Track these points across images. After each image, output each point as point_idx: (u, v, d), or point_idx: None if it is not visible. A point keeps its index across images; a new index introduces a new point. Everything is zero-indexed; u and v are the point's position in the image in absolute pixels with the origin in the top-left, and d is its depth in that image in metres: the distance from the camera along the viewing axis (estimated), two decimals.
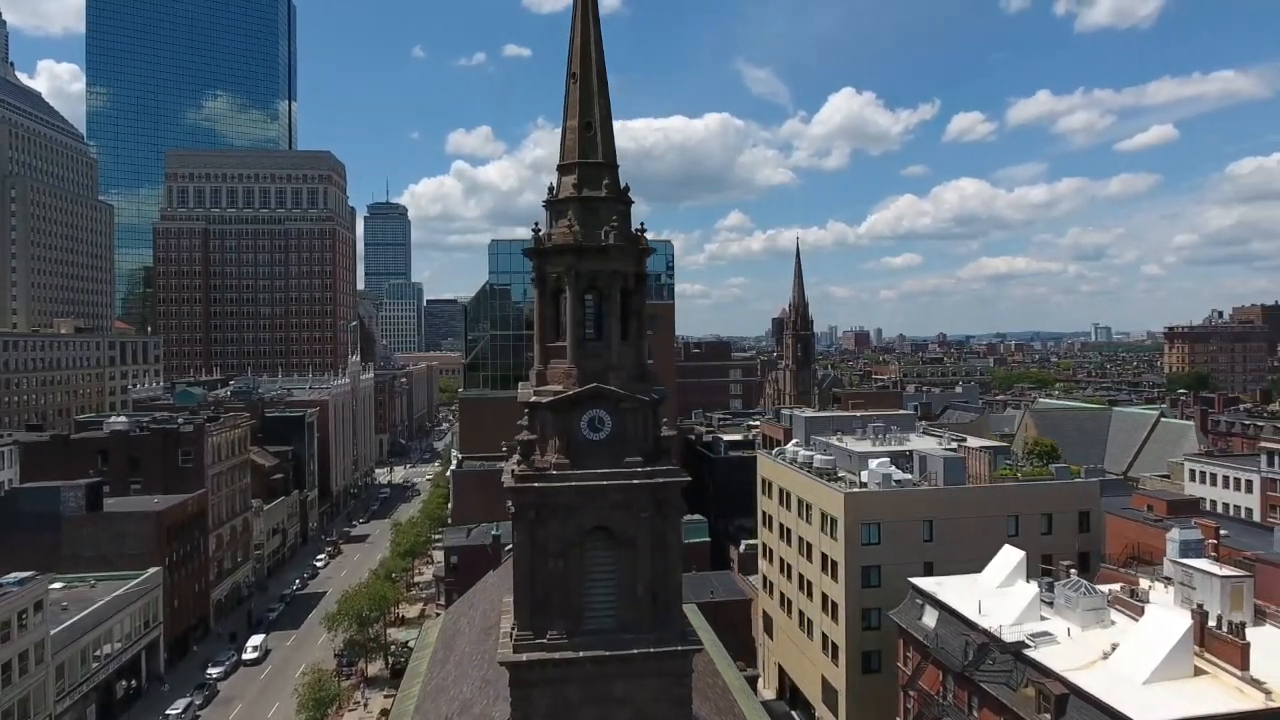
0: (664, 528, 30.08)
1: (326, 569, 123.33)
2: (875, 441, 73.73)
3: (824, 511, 63.68)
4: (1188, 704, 33.97)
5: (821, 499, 64.19)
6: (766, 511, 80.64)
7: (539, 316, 31.32)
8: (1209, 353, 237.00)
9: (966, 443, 73.18)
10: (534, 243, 31.07)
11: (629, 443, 30.09)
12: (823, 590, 64.36)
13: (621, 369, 30.80)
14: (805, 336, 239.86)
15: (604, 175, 31.49)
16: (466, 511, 79.80)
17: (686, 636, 30.25)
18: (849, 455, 69.49)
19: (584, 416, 30.09)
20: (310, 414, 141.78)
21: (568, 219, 30.84)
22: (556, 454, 29.66)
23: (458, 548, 73.81)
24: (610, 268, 30.64)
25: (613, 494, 29.40)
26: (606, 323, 30.83)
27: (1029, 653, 39.93)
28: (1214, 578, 40.85)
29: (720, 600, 68.57)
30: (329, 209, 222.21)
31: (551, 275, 30.91)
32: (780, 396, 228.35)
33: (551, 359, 31.12)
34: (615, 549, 29.84)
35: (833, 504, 62.09)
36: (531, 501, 29.00)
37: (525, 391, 31.18)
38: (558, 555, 29.09)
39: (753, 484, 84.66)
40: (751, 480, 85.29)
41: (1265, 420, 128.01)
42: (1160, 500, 59.65)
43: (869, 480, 63.51)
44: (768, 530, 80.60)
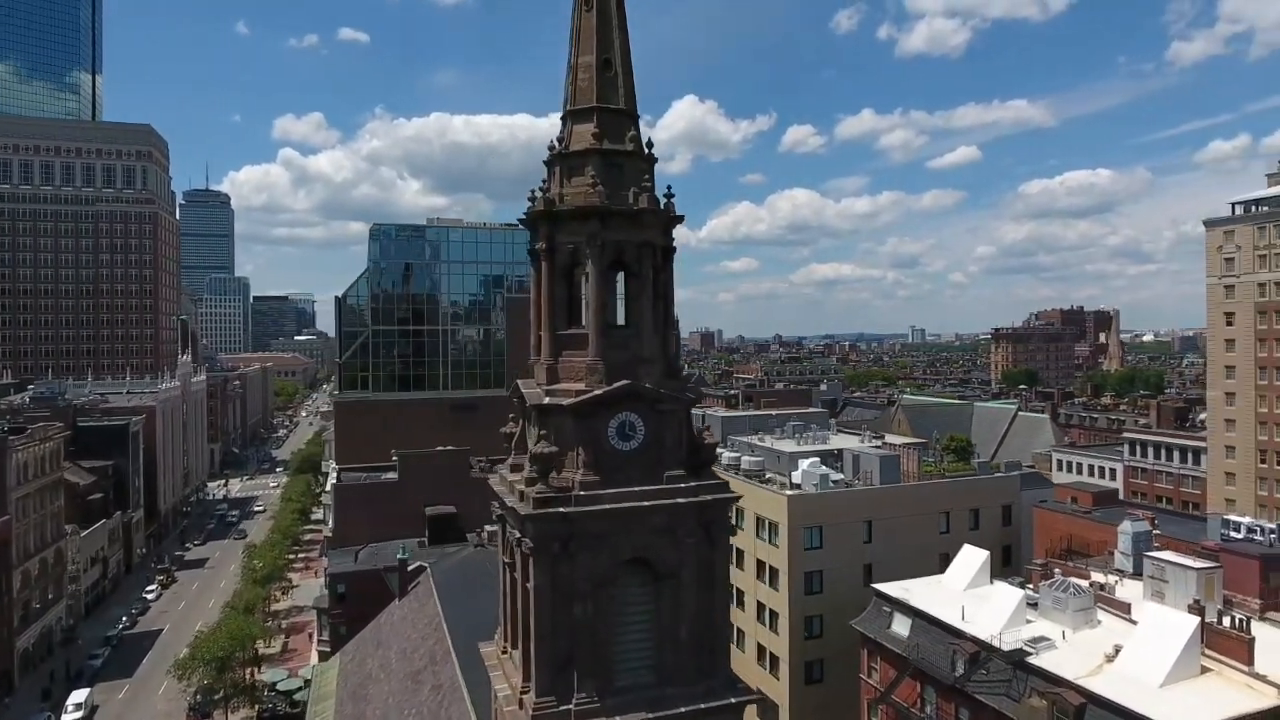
0: (711, 556, 24.78)
1: (159, 601, 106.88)
2: (799, 441, 71.60)
3: (761, 516, 60.36)
4: (1212, 707, 32.83)
5: (759, 503, 60.79)
6: None
7: (546, 298, 25.06)
8: (1029, 351, 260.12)
9: (887, 439, 72.46)
10: (541, 205, 24.77)
11: (666, 452, 24.56)
12: (758, 599, 61.07)
13: (653, 363, 25.21)
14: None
15: (627, 126, 25.77)
16: (350, 531, 70.04)
17: (736, 685, 25.11)
18: (777, 456, 66.81)
19: (613, 422, 24.18)
20: (135, 422, 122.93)
21: (586, 176, 24.81)
22: (583, 469, 23.59)
23: (345, 574, 64.19)
24: (641, 237, 24.97)
25: (654, 517, 23.75)
26: (636, 306, 25.13)
27: (1032, 660, 37.86)
28: (1189, 570, 40.70)
29: None
30: (149, 190, 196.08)
31: (566, 246, 24.77)
32: None
33: (565, 351, 24.99)
34: (653, 584, 24.23)
35: (773, 508, 58.84)
36: (556, 532, 22.79)
37: (534, 391, 24.83)
38: (586, 597, 23.06)
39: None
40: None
41: (1100, 413, 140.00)
42: (1084, 493, 60.97)
43: (803, 482, 60.85)
44: None
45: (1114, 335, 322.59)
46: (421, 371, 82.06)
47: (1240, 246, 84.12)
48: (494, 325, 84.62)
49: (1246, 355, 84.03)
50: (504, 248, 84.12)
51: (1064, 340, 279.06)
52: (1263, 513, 75.60)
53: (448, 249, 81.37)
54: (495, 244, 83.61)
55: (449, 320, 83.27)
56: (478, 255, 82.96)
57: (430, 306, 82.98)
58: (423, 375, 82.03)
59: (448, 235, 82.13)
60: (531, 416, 25.64)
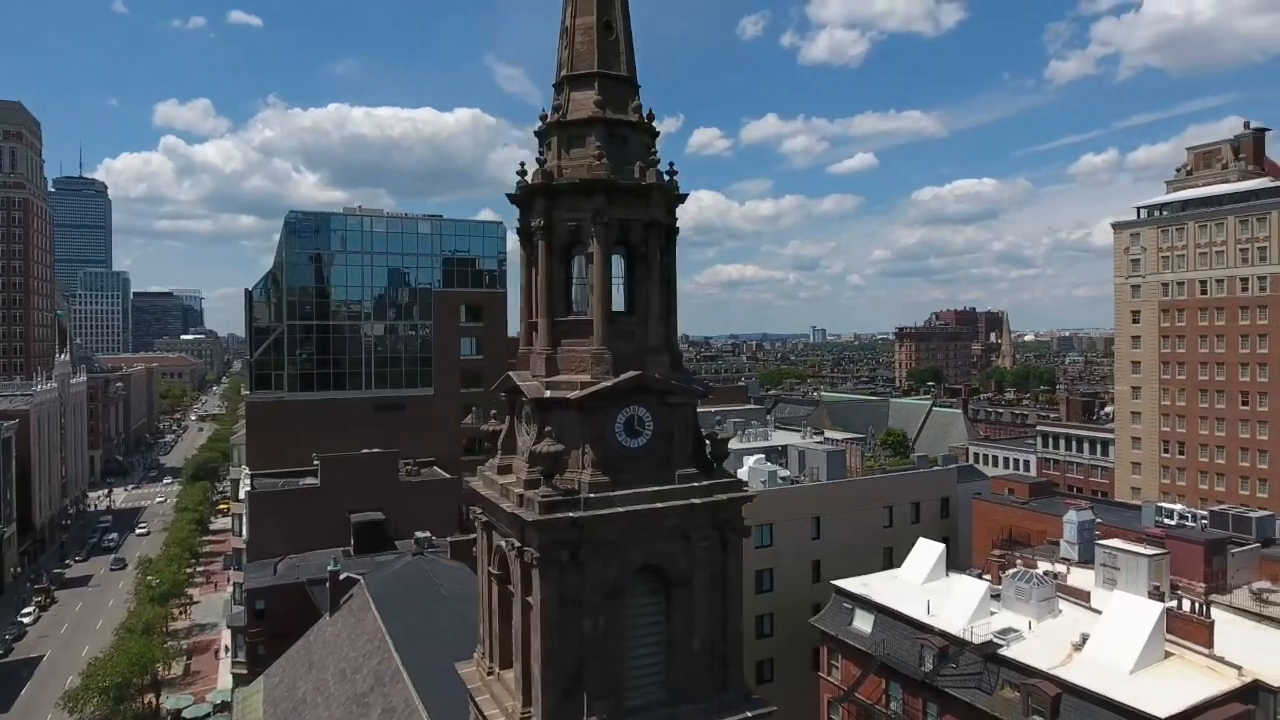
0: (724, 560, 23.02)
1: (38, 625, 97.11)
2: (742, 438, 70.93)
3: None
4: (1182, 691, 33.47)
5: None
6: None
7: (544, 282, 22.72)
8: (930, 349, 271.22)
9: (826, 435, 72.67)
10: (539, 178, 22.41)
11: (676, 449, 22.66)
12: None
13: (661, 353, 23.30)
14: None
15: (630, 95, 23.76)
16: (267, 542, 64.78)
17: (750, 698, 23.46)
18: None
19: (620, 417, 22.09)
20: (6, 428, 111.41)
21: (589, 148, 22.62)
22: (591, 468, 21.40)
23: (265, 589, 59.24)
24: (649, 216, 22.97)
25: (666, 520, 21.80)
26: (641, 292, 23.10)
27: (1003, 652, 37.92)
28: (1141, 557, 41.79)
29: None
30: (19, 173, 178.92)
31: (566, 224, 22.52)
32: None
33: (564, 340, 22.73)
34: (664, 593, 22.27)
35: None
36: (565, 539, 20.52)
37: (532, 384, 22.44)
38: (596, 611, 20.91)
39: None
40: None
41: (1004, 408, 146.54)
42: (1021, 484, 62.56)
43: (750, 479, 59.99)
44: None
45: (1006, 335, 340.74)
46: (342, 370, 77.08)
47: (1145, 248, 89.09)
48: (420, 320, 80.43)
49: (1151, 351, 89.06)
50: (432, 239, 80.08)
51: (962, 339, 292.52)
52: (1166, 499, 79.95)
53: (370, 240, 76.74)
54: (423, 235, 79.52)
55: (371, 315, 78.59)
56: (403, 247, 78.62)
57: (351, 301, 78.09)
58: (343, 374, 77.06)
59: (370, 225, 77.41)
60: (526, 412, 23.31)
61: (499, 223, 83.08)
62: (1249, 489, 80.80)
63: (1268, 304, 79.81)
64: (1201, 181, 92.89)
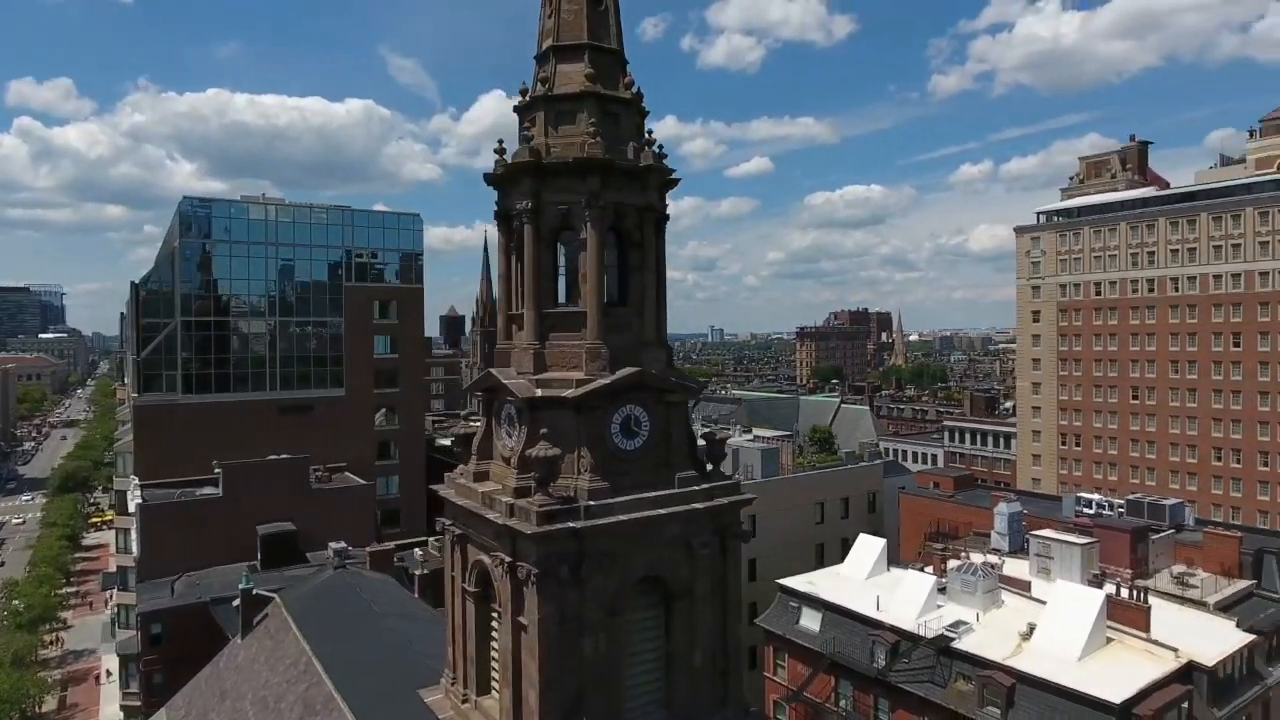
0: (724, 567, 21.70)
1: None
2: None
3: None
4: (1129, 675, 34.52)
5: None
6: None
7: (531, 270, 20.78)
8: (829, 349, 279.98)
9: (755, 433, 72.73)
10: (526, 155, 20.43)
11: (674, 451, 21.21)
12: None
13: (656, 348, 21.82)
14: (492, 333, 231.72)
15: (620, 70, 22.13)
16: (162, 559, 59.10)
17: (749, 711, 22.27)
18: None
19: (616, 416, 20.41)
20: None
21: (581, 125, 20.83)
22: (590, 473, 19.63)
23: (161, 611, 53.87)
24: (644, 200, 21.46)
25: (668, 527, 20.29)
26: (635, 281, 21.52)
27: (955, 645, 38.31)
28: (1075, 546, 43.22)
29: None
30: None
31: (556, 208, 20.68)
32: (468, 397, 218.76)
33: (553, 333, 20.88)
34: (664, 606, 20.74)
35: None
36: (564, 552, 18.69)
37: (520, 382, 20.44)
38: (597, 629, 19.18)
39: None
40: None
41: (905, 404, 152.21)
42: (945, 478, 64.24)
43: None
44: None
45: (898, 335, 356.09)
46: (243, 370, 71.26)
47: (1045, 252, 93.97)
48: (329, 317, 75.49)
49: (1050, 349, 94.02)
50: (344, 231, 75.11)
51: (858, 339, 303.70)
52: (1064, 489, 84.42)
53: (274, 230, 71.18)
54: (333, 227, 74.49)
55: (276, 311, 73.10)
56: (311, 239, 73.32)
57: (253, 295, 72.37)
58: (245, 374, 71.27)
59: (275, 215, 71.79)
60: (509, 413, 21.27)
61: (416, 215, 79.06)
62: (1138, 478, 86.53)
63: (1155, 305, 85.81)
64: (1093, 189, 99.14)
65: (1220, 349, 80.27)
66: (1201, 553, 45.89)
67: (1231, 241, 79.14)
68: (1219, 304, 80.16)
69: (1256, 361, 77.80)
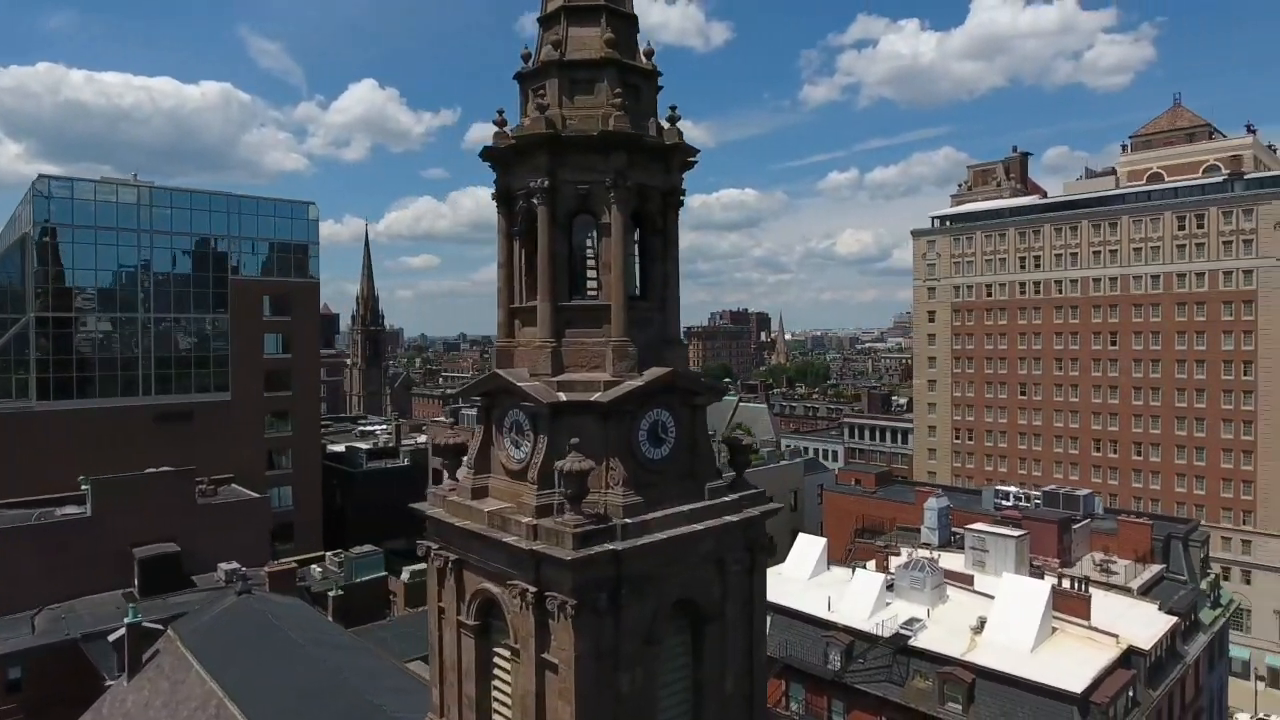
0: (751, 586, 19.99)
1: None
2: None
3: None
4: (1081, 663, 35.49)
5: None
6: None
7: (546, 258, 18.32)
8: (715, 348, 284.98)
9: None
10: (542, 126, 17.96)
11: (701, 459, 19.33)
12: None
13: (678, 345, 19.89)
14: (375, 333, 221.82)
15: (636, 39, 19.94)
16: (17, 590, 51.51)
17: None
18: None
19: (644, 422, 18.32)
20: None
21: (600, 96, 18.57)
22: (623, 487, 17.44)
23: (20, 653, 46.85)
24: (668, 182, 19.43)
25: (703, 544, 18.41)
26: (656, 271, 19.45)
27: (912, 643, 38.40)
28: (1009, 539, 44.44)
29: None
30: None
31: (575, 187, 18.32)
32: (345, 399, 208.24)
33: (570, 329, 18.50)
34: (694, 631, 18.80)
35: None
36: (603, 578, 16.44)
37: (536, 384, 17.97)
38: (633, 663, 17.05)
39: (403, 500, 78.67)
40: (401, 496, 79.57)
41: (797, 401, 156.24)
42: (868, 475, 65.30)
43: None
44: None
45: (779, 334, 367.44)
46: (112, 372, 63.16)
47: (940, 254, 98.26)
48: (213, 313, 68.34)
49: (944, 348, 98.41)
50: (229, 219, 67.95)
51: (742, 338, 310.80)
52: (957, 481, 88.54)
53: (148, 216, 63.40)
54: (216, 214, 67.06)
55: (150, 305, 65.32)
56: (192, 226, 65.79)
57: (124, 288, 64.41)
58: (113, 377, 63.19)
59: (150, 199, 63.93)
60: (516, 421, 18.70)
61: (310, 203, 72.82)
62: (1026, 469, 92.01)
63: (1041, 306, 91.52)
64: (981, 196, 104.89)
65: (1099, 348, 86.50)
66: (1116, 540, 48.44)
67: (1109, 247, 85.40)
68: (1098, 305, 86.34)
69: (1131, 360, 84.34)
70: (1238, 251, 77.84)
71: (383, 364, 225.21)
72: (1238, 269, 77.80)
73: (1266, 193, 77.36)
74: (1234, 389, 77.70)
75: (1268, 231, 76.38)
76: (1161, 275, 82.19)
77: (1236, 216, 77.88)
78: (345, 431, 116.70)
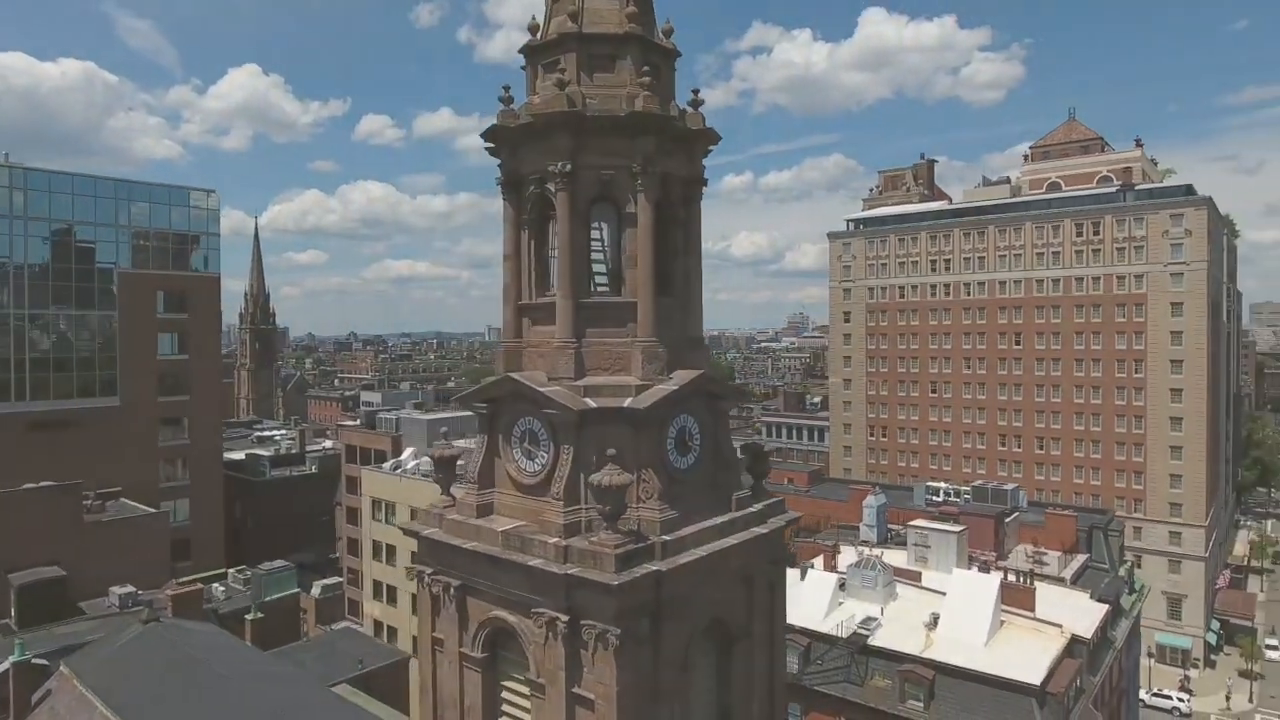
0: (773, 601, 18.89)
1: None
2: None
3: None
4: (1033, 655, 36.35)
5: None
6: (383, 541, 65.63)
7: (566, 249, 16.73)
8: None
9: None
10: (564, 103, 16.27)
11: (723, 468, 18.14)
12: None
13: (703, 347, 18.59)
14: (266, 332, 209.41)
15: (653, 13, 18.49)
16: None
17: None
18: None
19: (671, 429, 16.93)
20: None
21: (622, 74, 17.06)
22: (657, 500, 16.00)
23: None
24: (692, 170, 18.16)
25: (734, 559, 17.19)
26: (680, 266, 18.08)
27: (871, 642, 38.52)
28: (950, 534, 45.37)
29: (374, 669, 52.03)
30: None
31: (599, 173, 16.71)
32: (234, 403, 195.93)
33: (591, 328, 16.90)
34: (722, 652, 17.55)
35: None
36: (645, 601, 14.98)
37: (558, 389, 16.33)
38: (672, 695, 15.69)
39: (311, 511, 78.44)
40: (308, 506, 78.54)
41: None
42: (800, 473, 65.71)
43: None
44: (381, 564, 65.73)
45: None
46: None
47: (855, 257, 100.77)
48: (99, 310, 61.79)
49: (859, 347, 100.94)
50: (116, 206, 61.30)
51: None
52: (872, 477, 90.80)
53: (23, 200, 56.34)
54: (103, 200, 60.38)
55: (24, 300, 58.31)
56: (74, 213, 58.90)
57: None
58: None
59: (23, 181, 56.78)
60: (532, 430, 16.97)
61: (210, 190, 66.88)
62: (937, 465, 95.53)
63: (951, 307, 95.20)
64: (891, 200, 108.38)
65: (1005, 347, 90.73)
66: (1044, 532, 50.39)
67: (1014, 252, 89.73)
68: (1004, 307, 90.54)
69: (1034, 359, 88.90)
70: (1130, 257, 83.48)
71: (274, 365, 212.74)
72: (1130, 274, 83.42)
73: (1154, 203, 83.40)
74: (1126, 385, 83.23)
75: (1156, 239, 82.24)
76: (1062, 279, 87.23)
77: (1129, 224, 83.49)
78: (241, 438, 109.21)
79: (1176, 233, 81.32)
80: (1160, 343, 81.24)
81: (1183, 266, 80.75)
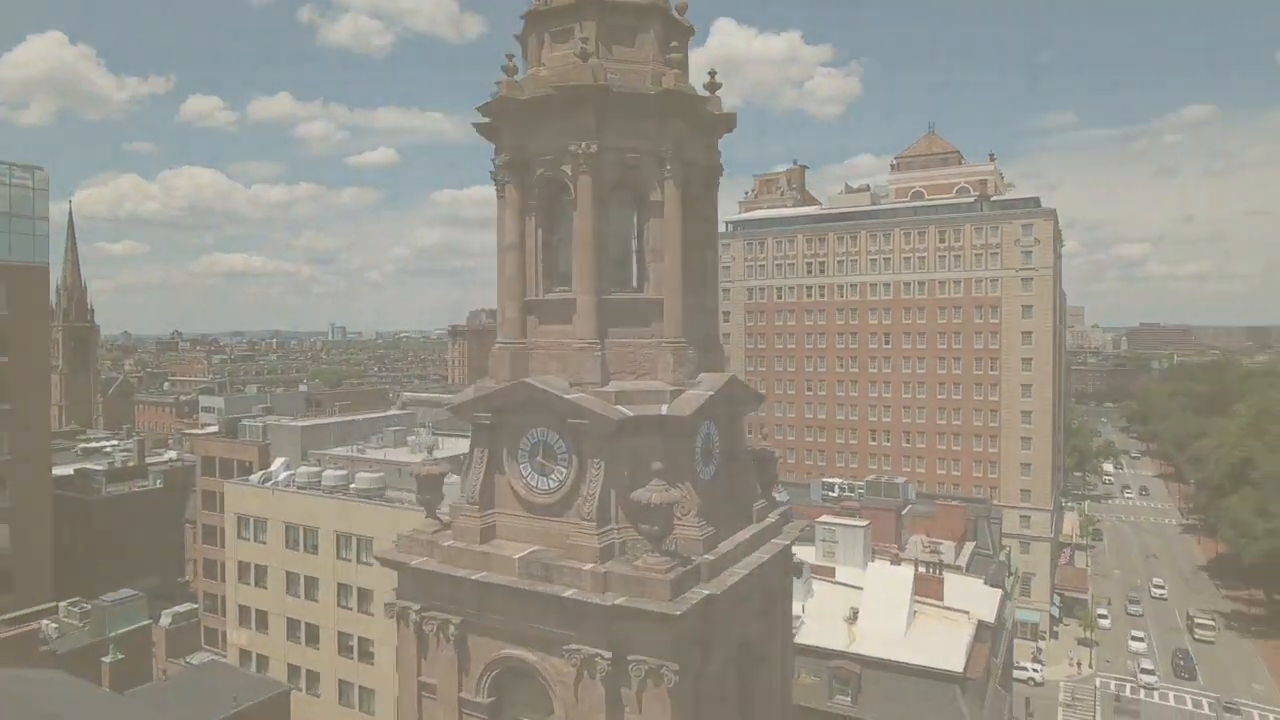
0: (785, 616, 17.95)
1: None
2: (414, 449, 61.95)
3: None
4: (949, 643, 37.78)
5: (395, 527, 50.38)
6: (251, 562, 59.96)
7: (588, 239, 15.09)
8: (484, 347, 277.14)
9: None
10: (588, 76, 14.59)
11: (739, 477, 17.13)
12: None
13: (720, 347, 17.38)
14: (83, 330, 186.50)
15: None
16: None
17: None
18: (398, 470, 56.52)
19: (698, 438, 15.63)
20: None
21: (643, 48, 15.54)
22: (695, 517, 14.66)
23: None
24: (711, 158, 16.99)
25: (758, 573, 16.10)
26: (697, 260, 16.74)
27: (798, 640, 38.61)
28: (857, 529, 46.61)
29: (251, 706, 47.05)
30: None
31: (624, 156, 15.11)
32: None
33: (614, 327, 15.31)
34: (744, 675, 16.41)
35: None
36: (697, 630, 13.62)
37: (585, 396, 14.62)
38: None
39: (155, 530, 72.31)
40: (152, 526, 72.23)
41: None
42: None
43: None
44: (250, 587, 60.05)
45: None
46: None
47: (735, 258, 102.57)
48: None
49: (739, 346, 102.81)
50: None
51: None
52: None
53: None
54: None
55: None
56: None
57: None
58: None
59: None
60: (546, 441, 15.19)
61: (37, 168, 57.72)
62: (812, 460, 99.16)
63: (825, 308, 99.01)
64: (765, 204, 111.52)
65: (875, 346, 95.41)
66: (935, 523, 52.89)
67: (884, 255, 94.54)
68: (874, 308, 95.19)
69: (902, 357, 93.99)
70: (986, 263, 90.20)
71: (93, 368, 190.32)
72: (986, 278, 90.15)
73: (1007, 213, 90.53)
74: (983, 382, 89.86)
75: (1009, 246, 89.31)
76: (927, 282, 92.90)
77: (985, 232, 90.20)
78: (63, 450, 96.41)
79: (1027, 241, 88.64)
80: (1013, 342, 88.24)
81: (1032, 271, 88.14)
